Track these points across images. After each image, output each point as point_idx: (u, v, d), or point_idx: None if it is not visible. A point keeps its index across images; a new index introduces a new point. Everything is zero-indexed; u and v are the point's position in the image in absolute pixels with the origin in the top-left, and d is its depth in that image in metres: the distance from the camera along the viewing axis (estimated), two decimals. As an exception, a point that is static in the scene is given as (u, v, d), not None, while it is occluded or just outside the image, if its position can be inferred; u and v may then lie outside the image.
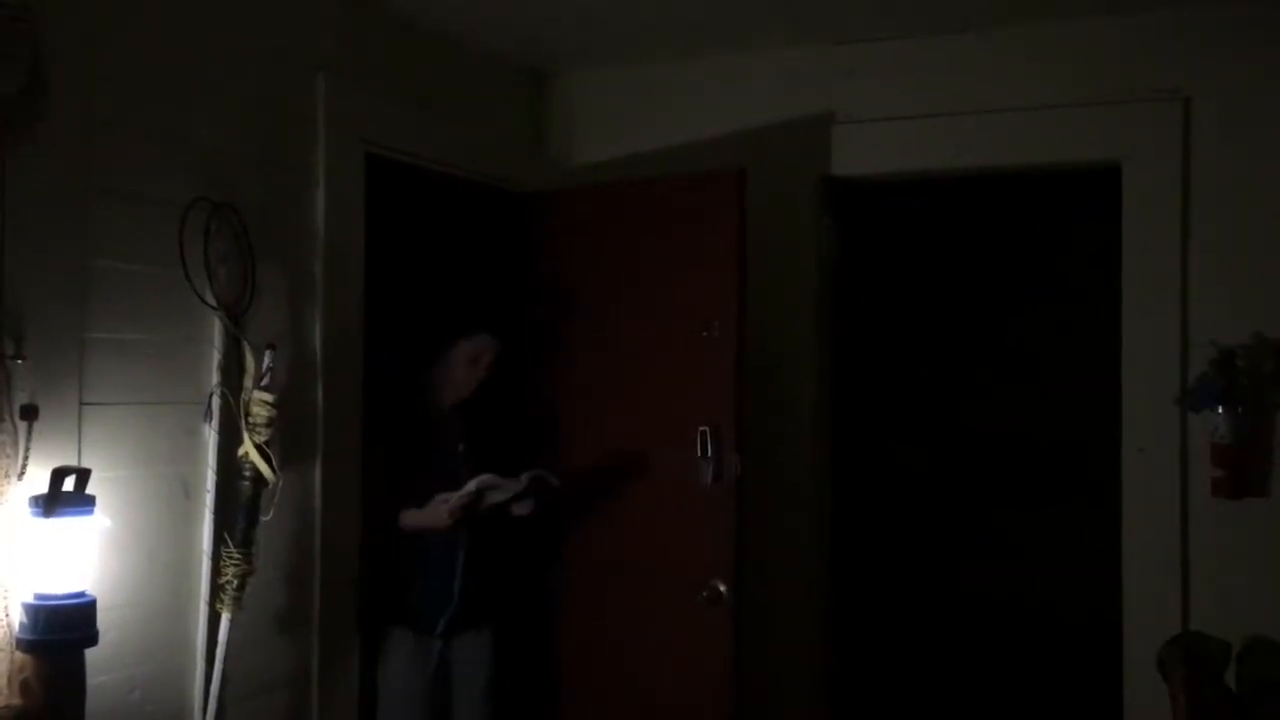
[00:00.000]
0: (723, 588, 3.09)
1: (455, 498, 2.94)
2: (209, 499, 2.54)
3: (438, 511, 2.96)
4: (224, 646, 2.52)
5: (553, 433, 3.42)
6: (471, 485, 2.93)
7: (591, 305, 3.39)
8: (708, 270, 3.15)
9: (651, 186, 3.35)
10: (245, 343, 2.58)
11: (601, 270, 3.38)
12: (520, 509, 3.08)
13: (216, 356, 2.55)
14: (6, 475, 2.10)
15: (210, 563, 2.54)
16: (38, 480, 2.12)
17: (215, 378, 2.55)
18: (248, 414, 2.55)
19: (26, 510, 2.10)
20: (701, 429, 3.11)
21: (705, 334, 3.14)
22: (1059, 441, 4.49)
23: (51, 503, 2.08)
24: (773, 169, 3.43)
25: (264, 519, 2.58)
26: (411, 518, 3.01)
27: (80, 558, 2.14)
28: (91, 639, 2.14)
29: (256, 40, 2.72)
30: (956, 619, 4.60)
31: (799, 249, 3.46)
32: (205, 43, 2.58)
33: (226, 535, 2.53)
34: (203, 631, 2.54)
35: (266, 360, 2.59)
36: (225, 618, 2.52)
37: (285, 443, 2.67)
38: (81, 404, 2.27)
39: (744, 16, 3.20)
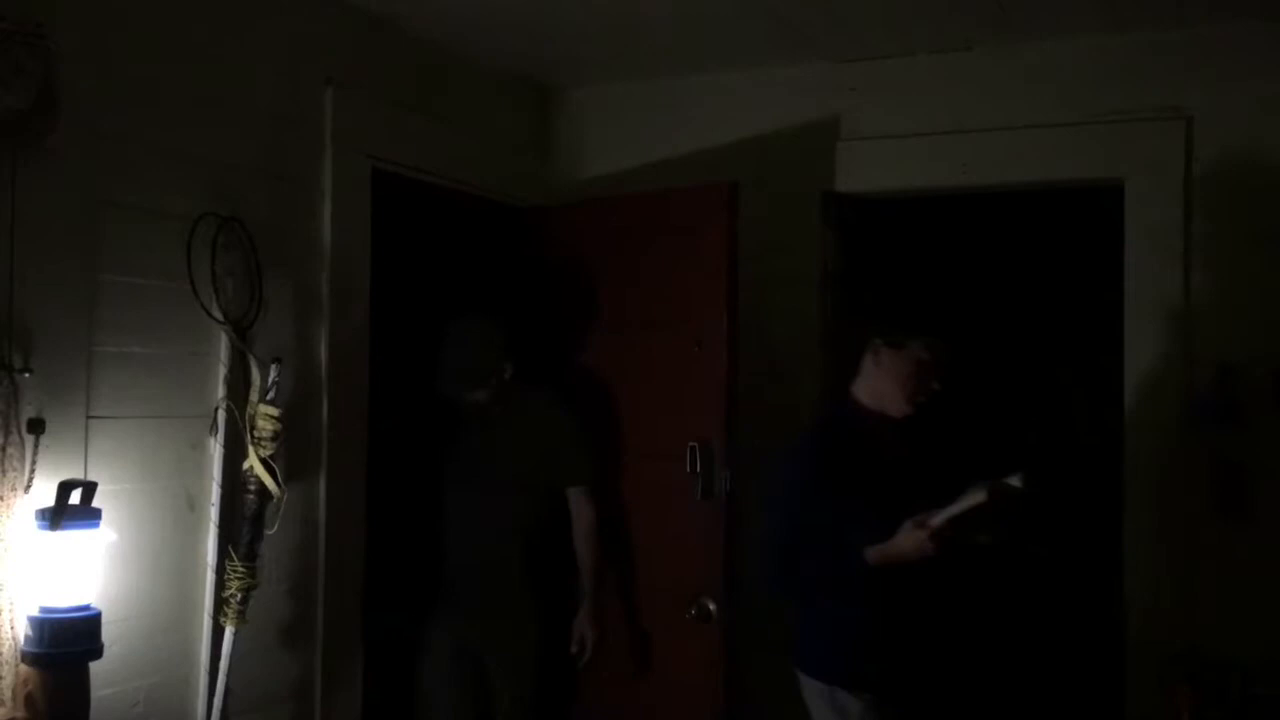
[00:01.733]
0: (712, 605, 3.07)
1: (942, 517, 2.43)
2: (214, 512, 2.55)
3: (915, 538, 2.45)
4: (227, 659, 2.53)
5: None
6: (978, 495, 2.39)
7: (591, 319, 3.40)
8: (700, 283, 3.15)
9: (646, 200, 3.36)
10: (251, 357, 2.59)
11: (601, 284, 3.39)
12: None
13: (222, 370, 2.56)
14: (13, 488, 2.11)
15: (215, 576, 2.54)
16: (44, 493, 2.13)
17: (221, 391, 2.56)
18: (253, 428, 2.55)
19: (33, 523, 2.11)
20: (690, 444, 3.10)
21: (697, 348, 3.14)
22: (1061, 454, 4.48)
23: (57, 516, 2.09)
24: (777, 184, 3.45)
25: (268, 532, 2.59)
26: (877, 551, 2.51)
27: (85, 571, 2.15)
28: (96, 652, 2.14)
29: (264, 56, 2.74)
30: (959, 634, 4.58)
31: (803, 263, 3.47)
32: (213, 58, 2.60)
33: (231, 549, 2.54)
34: (206, 645, 2.54)
35: (272, 374, 2.60)
36: (229, 631, 2.53)
37: (290, 456, 2.68)
38: (88, 417, 2.28)
39: (749, 33, 3.22)
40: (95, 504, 2.16)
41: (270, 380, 2.59)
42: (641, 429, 3.29)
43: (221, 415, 2.55)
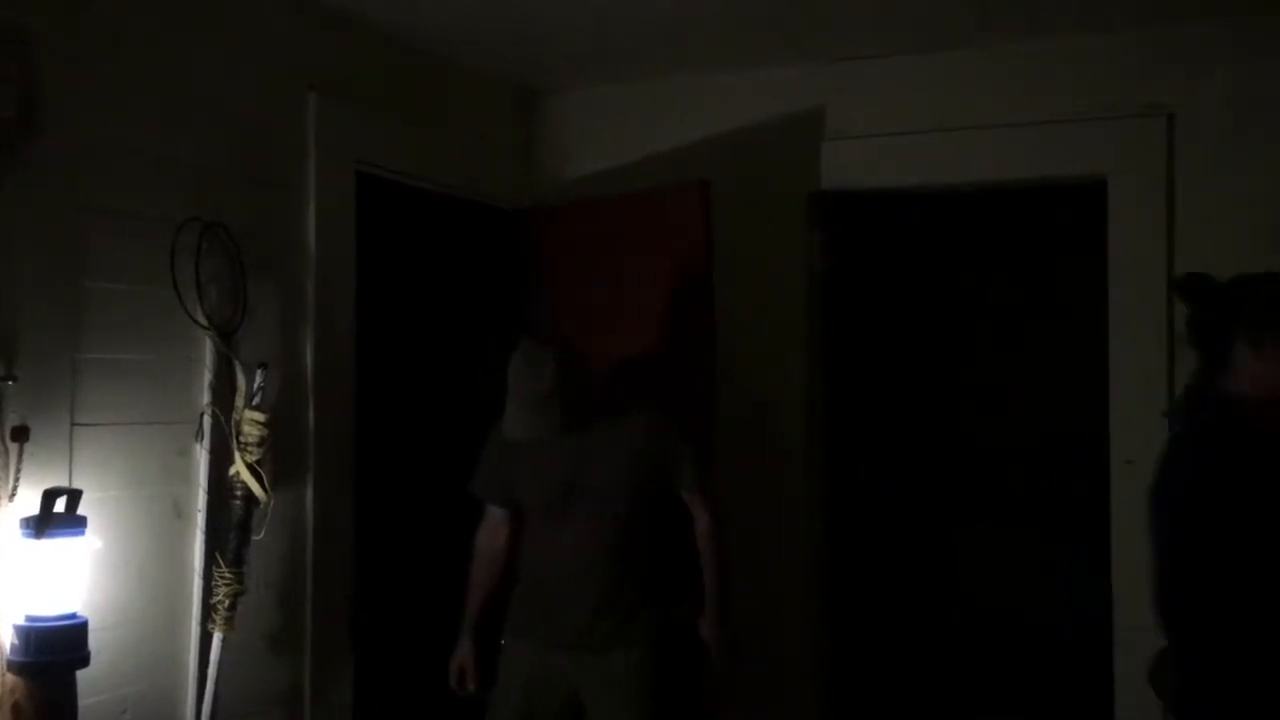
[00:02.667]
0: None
1: None
2: (200, 519, 2.54)
3: None
4: (216, 666, 2.52)
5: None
6: None
7: (577, 321, 3.40)
8: (679, 281, 3.15)
9: (625, 201, 3.36)
10: (236, 362, 2.59)
11: (585, 286, 3.39)
12: None
13: (208, 376, 2.56)
14: (-2, 496, 2.10)
15: (202, 582, 2.54)
16: (29, 501, 2.12)
17: (206, 397, 2.55)
18: (239, 433, 2.55)
19: (18, 531, 2.10)
20: None
21: (676, 347, 3.13)
22: (1049, 453, 4.50)
23: (43, 524, 2.09)
24: (763, 184, 3.47)
25: (256, 538, 2.58)
26: None
27: (72, 579, 2.14)
28: (83, 660, 2.14)
29: (247, 61, 2.73)
30: (950, 634, 4.60)
31: (790, 263, 3.48)
32: (197, 63, 2.59)
33: (218, 555, 2.53)
34: (194, 652, 2.54)
35: (258, 379, 2.59)
36: (217, 637, 2.52)
37: (277, 462, 2.67)
38: (73, 424, 2.28)
39: (735, 35, 3.22)
40: (81, 511, 2.15)
41: (256, 385, 2.59)
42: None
43: (207, 421, 2.55)
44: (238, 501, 2.54)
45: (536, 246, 3.53)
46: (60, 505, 2.12)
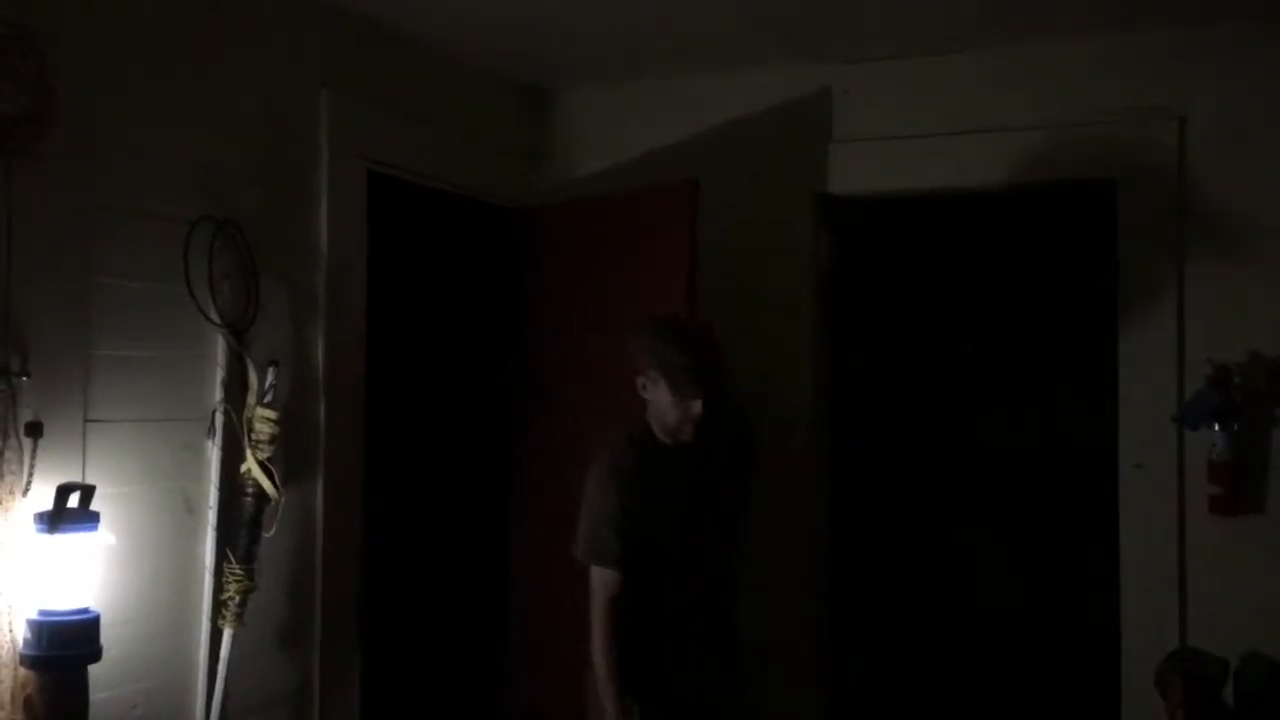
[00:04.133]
0: None
1: None
2: (212, 515, 2.55)
3: None
4: (226, 662, 2.53)
5: (536, 460, 3.43)
6: None
7: (574, 320, 3.40)
8: (666, 281, 3.13)
9: (619, 200, 3.36)
10: (248, 359, 2.59)
11: (583, 285, 3.39)
12: None
13: (220, 373, 2.57)
14: (11, 492, 2.11)
15: (213, 579, 2.55)
16: (42, 497, 2.13)
17: (218, 394, 2.56)
18: (250, 430, 2.56)
19: (31, 527, 2.11)
20: None
21: None
22: (1056, 457, 4.49)
23: (56, 519, 2.10)
24: (770, 186, 3.47)
25: (266, 535, 2.59)
26: None
27: (84, 574, 2.15)
28: (95, 655, 2.15)
29: (259, 58, 2.74)
30: (953, 634, 4.60)
31: (797, 266, 3.48)
32: (209, 62, 2.60)
33: (229, 551, 2.54)
34: (205, 647, 2.54)
35: (269, 377, 2.60)
36: (227, 633, 2.53)
37: (288, 459, 2.68)
38: (86, 420, 2.28)
39: (742, 35, 3.22)
40: (93, 507, 2.16)
41: (268, 383, 2.60)
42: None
43: (219, 418, 2.55)
44: (249, 498, 2.55)
45: (541, 245, 3.54)
46: (73, 501, 2.13)
